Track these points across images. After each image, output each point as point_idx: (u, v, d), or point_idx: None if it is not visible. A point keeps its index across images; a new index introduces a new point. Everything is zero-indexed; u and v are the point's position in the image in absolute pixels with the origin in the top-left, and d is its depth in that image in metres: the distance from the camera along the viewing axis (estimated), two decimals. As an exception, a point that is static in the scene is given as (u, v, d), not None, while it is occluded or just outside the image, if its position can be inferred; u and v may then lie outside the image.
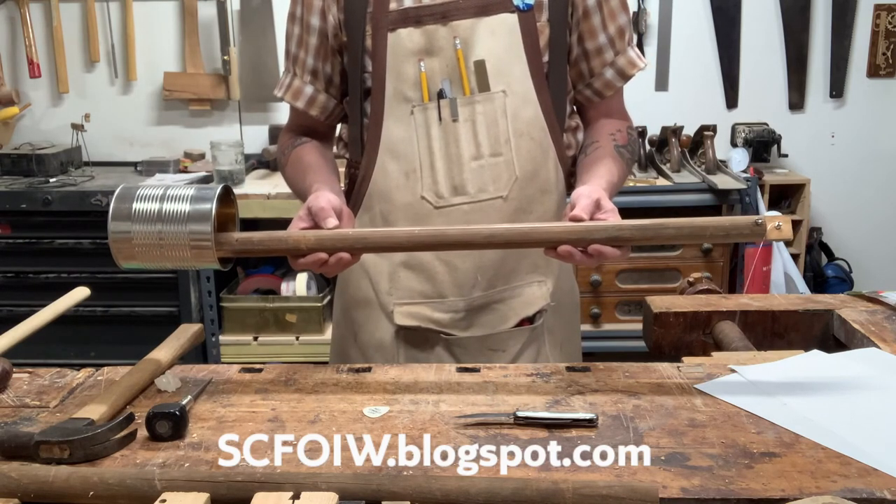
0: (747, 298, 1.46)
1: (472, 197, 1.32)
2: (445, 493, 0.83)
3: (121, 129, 3.55)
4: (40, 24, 3.45)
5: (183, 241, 1.07)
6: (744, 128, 3.39)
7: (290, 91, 1.44)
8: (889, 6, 3.42)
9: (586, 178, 1.27)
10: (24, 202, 2.98)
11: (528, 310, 1.38)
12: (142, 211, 1.07)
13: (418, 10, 1.30)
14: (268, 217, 3.01)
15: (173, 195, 1.08)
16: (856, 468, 0.90)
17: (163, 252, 1.08)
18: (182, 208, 1.07)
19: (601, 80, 1.39)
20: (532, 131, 1.34)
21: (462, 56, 1.30)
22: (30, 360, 1.27)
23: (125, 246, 1.08)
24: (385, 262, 1.37)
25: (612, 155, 1.34)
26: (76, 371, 1.22)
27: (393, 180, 1.34)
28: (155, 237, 1.07)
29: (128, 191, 1.10)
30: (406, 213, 1.33)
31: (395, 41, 1.30)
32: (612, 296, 3.09)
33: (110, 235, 1.08)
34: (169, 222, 1.07)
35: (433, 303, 1.35)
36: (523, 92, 1.32)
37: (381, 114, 1.33)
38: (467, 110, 1.31)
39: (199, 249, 1.07)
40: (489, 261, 1.34)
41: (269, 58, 3.42)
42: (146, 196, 1.09)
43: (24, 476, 0.88)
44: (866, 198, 3.56)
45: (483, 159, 1.32)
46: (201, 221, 1.07)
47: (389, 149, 1.33)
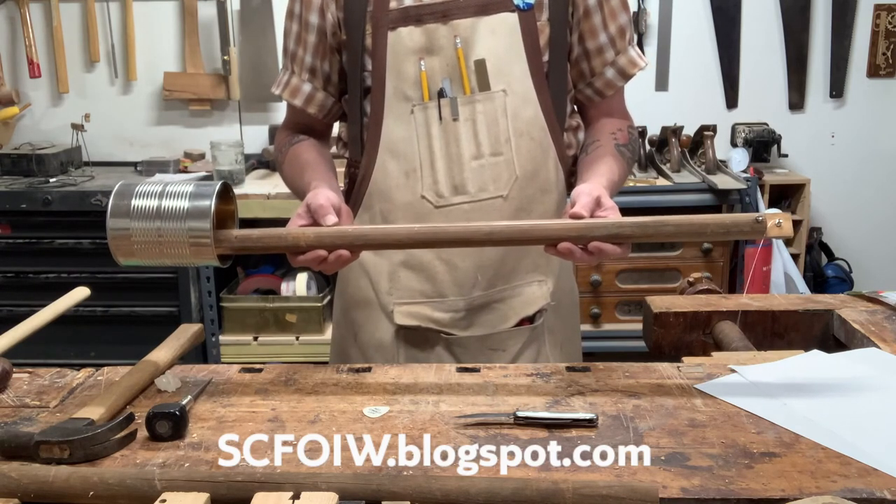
0: (747, 298, 1.46)
1: (472, 196, 1.32)
2: (445, 493, 0.83)
3: (121, 129, 3.55)
4: (40, 24, 3.45)
5: (182, 238, 1.06)
6: (744, 128, 3.39)
7: (289, 89, 1.43)
8: (889, 6, 3.42)
9: (587, 177, 1.27)
10: (24, 202, 2.98)
11: (529, 309, 1.38)
12: (141, 207, 1.07)
13: (419, 8, 1.30)
14: (268, 217, 3.01)
15: (172, 192, 1.08)
16: (856, 468, 0.90)
17: (162, 249, 1.07)
18: (181, 205, 1.07)
19: (602, 79, 1.39)
20: (532, 131, 1.34)
21: (462, 55, 1.30)
22: (30, 360, 1.27)
23: (124, 243, 1.07)
24: (385, 261, 1.37)
25: (612, 154, 1.34)
26: (76, 371, 1.22)
27: (393, 179, 1.34)
28: (154, 234, 1.06)
29: (126, 187, 1.09)
30: (406, 213, 1.33)
31: (395, 40, 1.30)
32: (612, 296, 3.09)
33: (109, 232, 1.07)
34: (168, 219, 1.06)
35: (433, 302, 1.35)
36: (523, 91, 1.32)
37: (380, 113, 1.33)
38: (468, 109, 1.31)
39: (198, 246, 1.07)
40: (489, 260, 1.34)
41: (269, 58, 3.42)
42: (145, 192, 1.08)
43: (24, 476, 0.88)
44: (866, 198, 3.56)
45: (483, 159, 1.32)
46: (200, 218, 1.06)
47: (389, 148, 1.33)
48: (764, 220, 1.06)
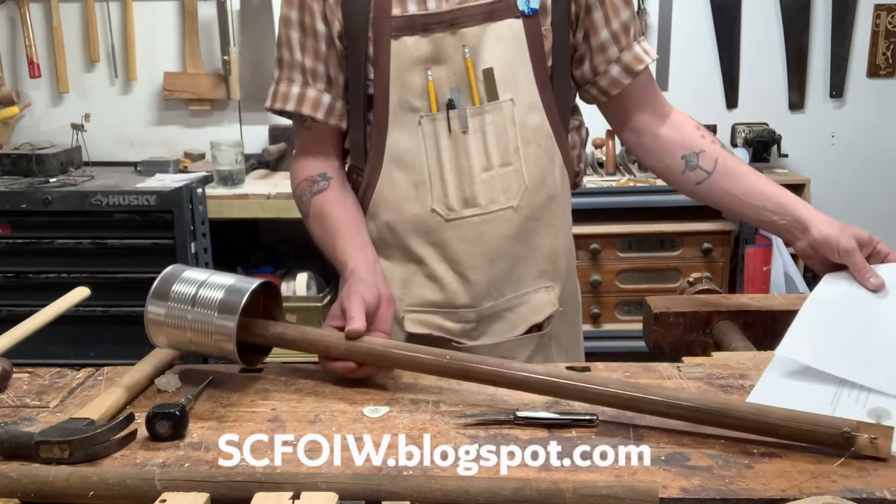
0: (747, 298, 1.46)
1: (483, 209, 1.30)
2: (445, 493, 0.83)
3: (121, 129, 3.54)
4: (40, 24, 3.45)
5: (209, 330, 1.09)
6: (744, 128, 3.38)
7: (308, 102, 1.33)
8: (889, 6, 3.41)
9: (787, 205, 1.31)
10: (24, 202, 2.97)
11: (538, 316, 1.37)
12: (179, 293, 1.10)
13: (425, 17, 1.27)
14: (268, 217, 3.01)
15: (213, 282, 1.11)
16: (856, 468, 0.90)
17: (189, 337, 1.10)
18: (214, 296, 1.09)
19: (607, 77, 1.36)
20: (539, 138, 1.32)
21: (471, 64, 1.28)
22: (30, 360, 1.26)
23: (157, 325, 1.11)
24: (399, 268, 1.35)
25: (750, 170, 1.34)
26: (76, 371, 1.22)
27: (401, 191, 1.32)
28: (185, 321, 1.09)
29: (174, 271, 1.13)
30: (416, 226, 1.32)
31: (399, 49, 1.27)
32: (612, 296, 3.09)
33: (145, 313, 1.12)
34: (200, 308, 1.09)
35: (444, 312, 1.34)
36: (529, 99, 1.31)
37: (385, 122, 1.30)
38: (477, 121, 1.29)
39: (222, 342, 1.09)
40: (501, 271, 1.34)
41: (269, 58, 3.38)
42: (188, 279, 1.11)
43: (24, 476, 0.88)
44: (866, 198, 3.55)
45: (493, 170, 1.30)
46: (229, 313, 1.08)
47: (395, 158, 1.31)
48: (853, 432, 0.91)
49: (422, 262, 1.34)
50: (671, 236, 3.04)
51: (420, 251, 1.33)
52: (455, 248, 1.32)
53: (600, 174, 3.18)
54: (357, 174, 1.38)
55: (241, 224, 3.30)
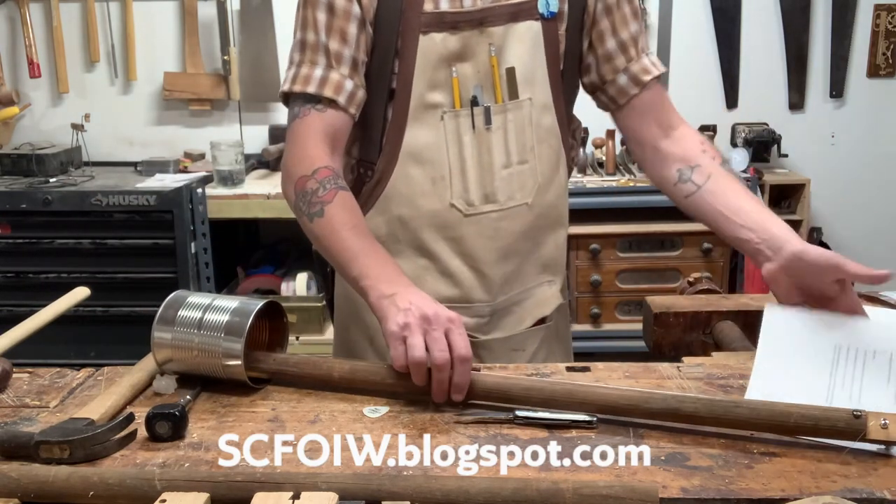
0: (747, 298, 1.46)
1: (501, 205, 1.33)
2: (445, 493, 0.83)
3: (121, 129, 3.54)
4: (40, 24, 3.45)
5: (216, 351, 1.10)
6: (744, 128, 3.38)
7: (330, 85, 1.26)
8: (889, 6, 3.41)
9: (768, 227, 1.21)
10: (24, 202, 2.97)
11: (545, 309, 1.42)
12: (185, 318, 1.12)
13: (455, 15, 1.27)
14: (268, 217, 3.01)
15: (217, 306, 1.12)
16: (856, 468, 0.90)
17: (197, 360, 1.11)
18: (220, 319, 1.10)
19: (615, 86, 1.38)
20: (550, 138, 1.36)
21: (496, 63, 1.30)
22: (30, 360, 1.26)
23: (164, 349, 1.12)
24: (409, 264, 1.34)
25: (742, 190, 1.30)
26: (76, 371, 1.22)
27: (418, 186, 1.32)
28: (192, 345, 1.11)
29: (179, 296, 1.15)
30: (433, 221, 1.33)
31: (427, 45, 1.27)
32: (612, 296, 3.09)
33: (152, 338, 1.13)
34: (206, 332, 1.10)
35: (460, 307, 1.32)
36: (544, 99, 1.34)
37: (404, 117, 1.30)
38: (500, 118, 1.31)
39: (230, 363, 1.09)
40: (511, 266, 1.37)
41: (269, 58, 3.42)
42: (193, 304, 1.13)
43: (24, 476, 0.88)
44: (866, 198, 3.55)
45: (512, 167, 1.33)
46: (235, 336, 1.09)
47: (412, 153, 1.31)
48: (864, 416, 0.92)
49: (435, 257, 1.35)
50: (671, 236, 3.04)
51: (434, 246, 1.34)
52: (472, 244, 1.34)
53: (600, 174, 3.18)
54: (366, 168, 1.36)
55: (241, 224, 3.30)
